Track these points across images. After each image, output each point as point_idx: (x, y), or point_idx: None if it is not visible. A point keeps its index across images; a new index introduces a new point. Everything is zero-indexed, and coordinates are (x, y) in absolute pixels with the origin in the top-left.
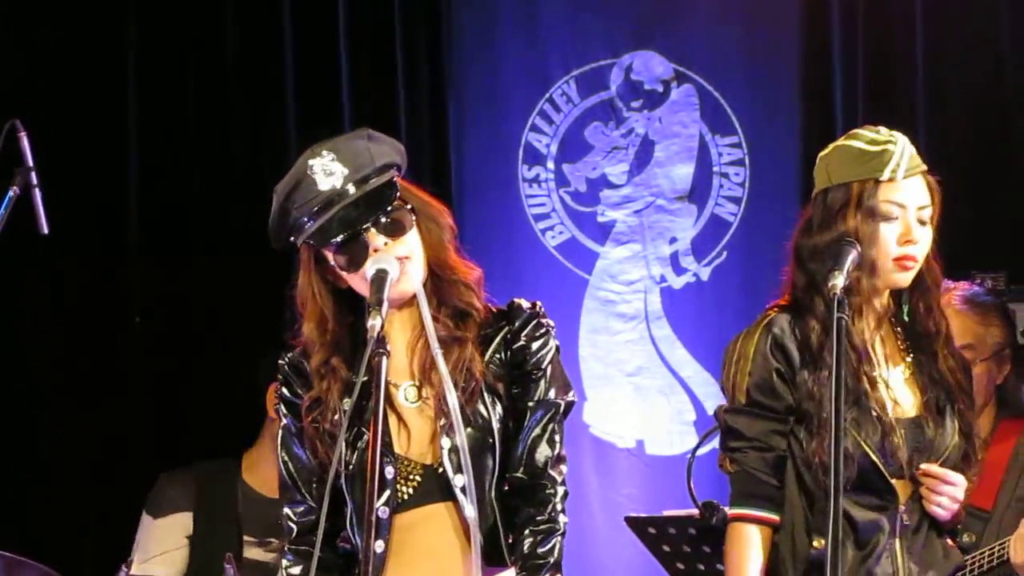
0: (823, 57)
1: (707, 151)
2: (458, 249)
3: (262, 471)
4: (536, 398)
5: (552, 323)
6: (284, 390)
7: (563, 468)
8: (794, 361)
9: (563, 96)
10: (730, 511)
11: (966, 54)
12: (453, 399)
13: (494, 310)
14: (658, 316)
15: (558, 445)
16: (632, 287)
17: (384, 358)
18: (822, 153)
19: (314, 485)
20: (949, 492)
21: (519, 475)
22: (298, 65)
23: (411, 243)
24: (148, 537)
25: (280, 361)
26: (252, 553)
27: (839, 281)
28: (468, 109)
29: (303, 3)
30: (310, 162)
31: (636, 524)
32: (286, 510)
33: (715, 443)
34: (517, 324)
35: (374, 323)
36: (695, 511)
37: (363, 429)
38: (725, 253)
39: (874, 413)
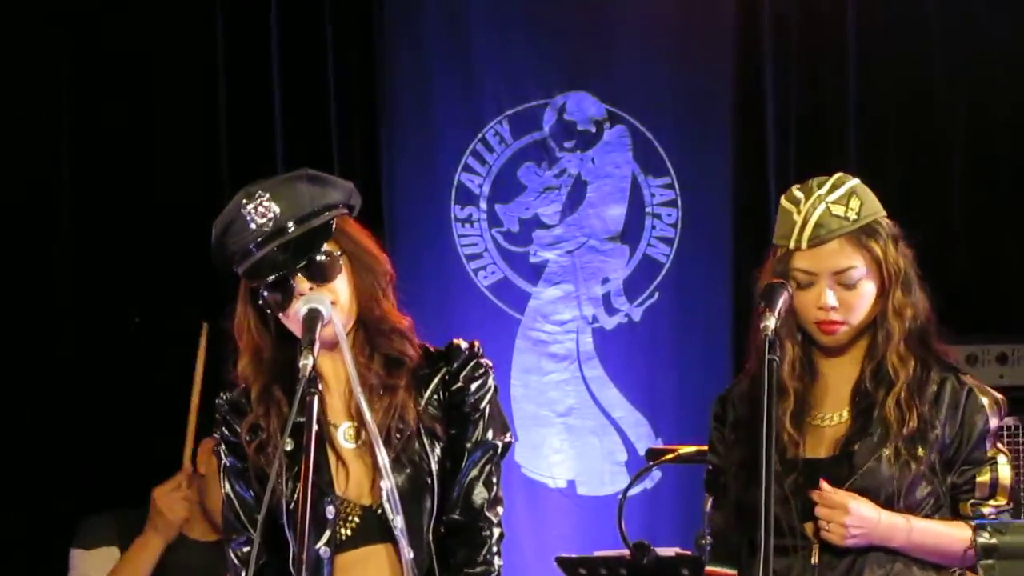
0: (756, 99)
1: (640, 192)
2: (392, 297)
3: (202, 508)
4: (474, 439)
5: (490, 363)
6: (224, 430)
7: (500, 510)
8: (726, 428)
9: (496, 136)
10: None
11: (900, 96)
12: (380, 449)
13: (432, 350)
14: (590, 356)
15: (495, 487)
16: (564, 327)
17: (316, 398)
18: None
19: (257, 524)
20: (832, 516)
21: (455, 516)
22: (230, 104)
23: (337, 289)
24: (84, 566)
25: (217, 400)
26: None
27: (770, 323)
28: (400, 149)
29: (236, 43)
30: (244, 202)
31: (567, 565)
32: (232, 549)
33: (646, 484)
34: (455, 365)
35: (305, 363)
36: (626, 552)
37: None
38: (657, 294)
39: (786, 455)
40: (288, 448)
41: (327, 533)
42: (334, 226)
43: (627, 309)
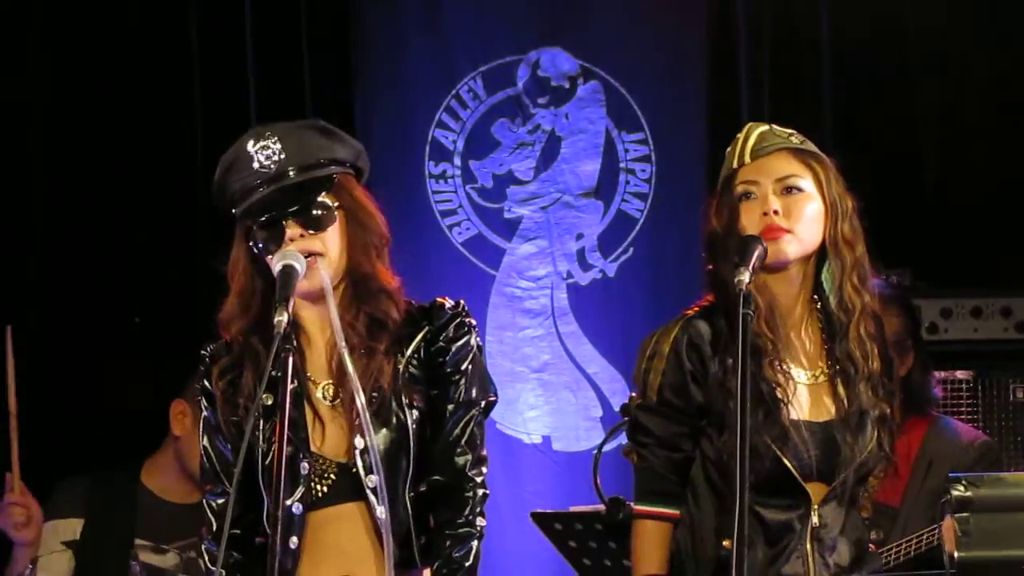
0: (729, 54)
1: (613, 147)
2: (385, 258)
3: (163, 477)
4: (456, 399)
5: (474, 322)
6: (205, 382)
7: (483, 469)
8: (707, 361)
9: (470, 93)
10: (635, 507)
11: (874, 51)
12: (360, 400)
13: (416, 308)
14: (564, 312)
15: (478, 447)
16: (539, 283)
17: (290, 355)
18: None
19: (234, 478)
20: None
21: (438, 477)
22: (203, 63)
23: (328, 241)
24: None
25: (201, 352)
26: (146, 557)
27: (745, 277)
28: (375, 105)
29: (210, 6)
30: (251, 142)
31: (542, 520)
32: (207, 500)
33: (622, 439)
34: (438, 324)
35: (280, 319)
36: (601, 507)
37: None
38: (631, 249)
39: (781, 415)
40: (268, 403)
41: (300, 490)
42: (335, 180)
43: (601, 265)
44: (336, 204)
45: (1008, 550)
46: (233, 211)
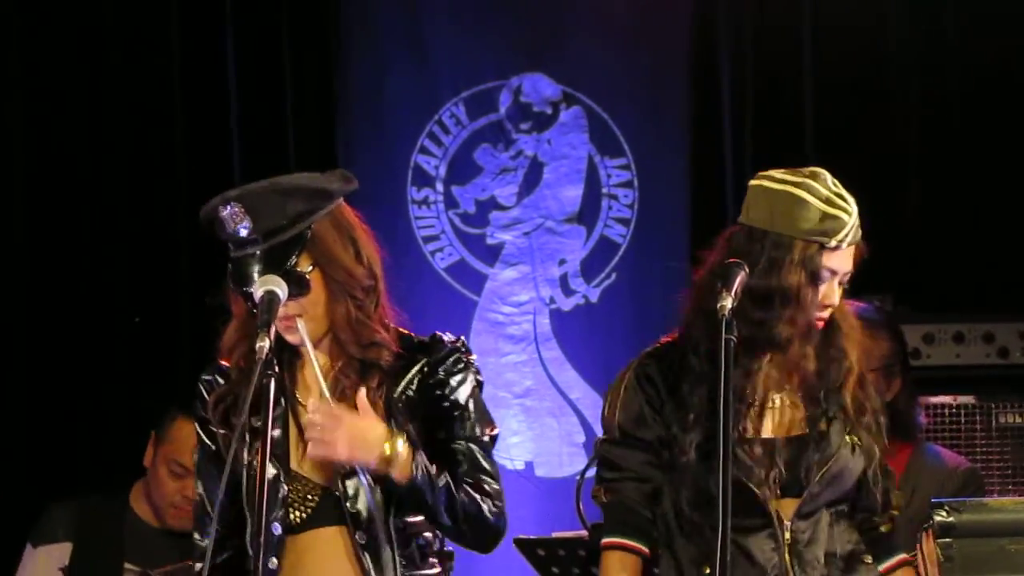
0: (711, 79)
1: (596, 173)
2: (372, 303)
3: (151, 502)
4: (460, 435)
5: (474, 358)
6: (200, 409)
7: (499, 503)
8: (662, 393)
9: (452, 118)
10: (604, 539)
11: (857, 75)
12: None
13: (414, 340)
14: (547, 338)
15: (496, 477)
16: (521, 309)
17: (271, 380)
18: (768, 185)
19: (223, 507)
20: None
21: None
22: (185, 89)
23: (307, 303)
24: (25, 567)
25: (198, 382)
26: None
27: (727, 302)
28: (357, 131)
29: (191, 27)
30: (220, 207)
31: (525, 546)
32: (196, 538)
33: None
34: (436, 357)
35: (261, 345)
36: (584, 533)
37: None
38: (614, 274)
39: (739, 435)
40: (257, 425)
41: (280, 512)
42: (308, 237)
43: (584, 290)
44: (311, 266)
45: (990, 575)
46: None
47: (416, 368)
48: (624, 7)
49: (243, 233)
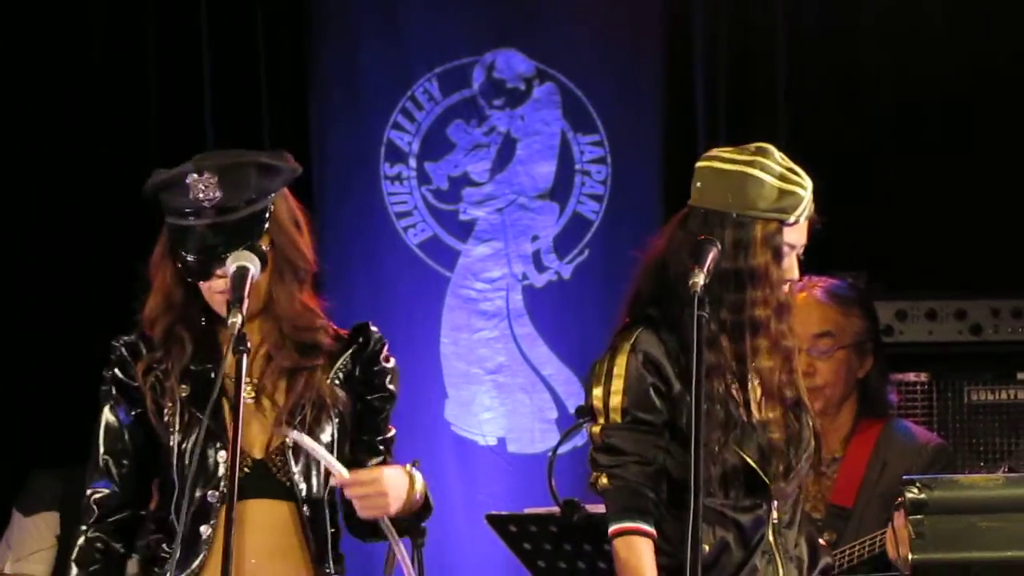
0: (684, 56)
1: (569, 149)
2: (310, 288)
3: None
4: (386, 436)
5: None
6: (117, 370)
7: None
8: (668, 376)
9: (425, 94)
10: (615, 526)
11: (828, 53)
12: (304, 441)
13: (342, 334)
14: (520, 314)
15: None
16: (494, 285)
17: (245, 355)
18: (718, 166)
19: (125, 469)
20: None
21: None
22: (160, 63)
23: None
24: (20, 536)
25: (114, 342)
26: None
27: (699, 279)
28: (330, 107)
29: (165, 4)
30: (192, 173)
31: (497, 522)
32: (91, 491)
33: (577, 441)
34: (368, 339)
35: (234, 320)
36: (556, 509)
37: (199, 415)
38: (587, 251)
39: (741, 415)
40: (184, 395)
41: (216, 479)
42: (268, 214)
43: (557, 266)
44: (269, 244)
45: (962, 552)
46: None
47: (349, 352)
48: None
49: (209, 203)
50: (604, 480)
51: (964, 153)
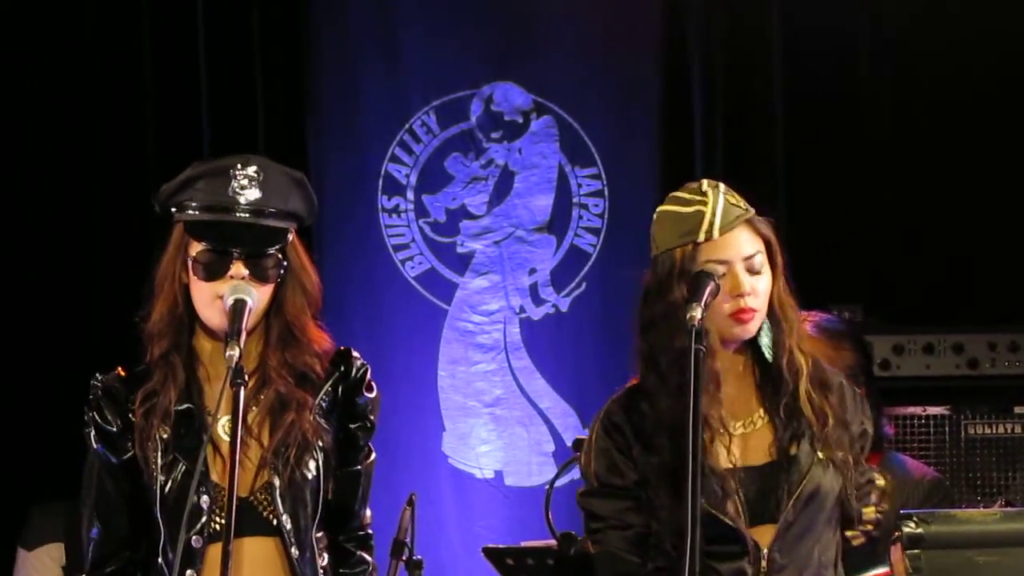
0: (681, 89)
1: (566, 182)
2: (317, 320)
3: None
4: (363, 462)
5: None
6: (95, 415)
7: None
8: (629, 438)
9: (423, 127)
10: None
11: (827, 81)
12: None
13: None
14: (517, 347)
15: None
16: (491, 318)
17: (242, 389)
18: (655, 216)
19: (114, 515)
20: None
21: (344, 542)
22: (158, 95)
23: (261, 295)
24: (26, 570)
25: (93, 382)
26: None
27: (697, 313)
28: (328, 139)
29: (163, 34)
30: (237, 165)
31: (494, 555)
32: (86, 537)
33: (574, 474)
34: (351, 367)
35: (232, 353)
36: (553, 542)
37: (178, 457)
38: (584, 284)
39: (709, 466)
40: (164, 436)
41: (201, 521)
42: (289, 237)
43: (554, 299)
44: (284, 262)
45: None
46: (172, 211)
47: (333, 379)
48: (595, 18)
49: (245, 199)
50: (590, 547)
51: (964, 186)
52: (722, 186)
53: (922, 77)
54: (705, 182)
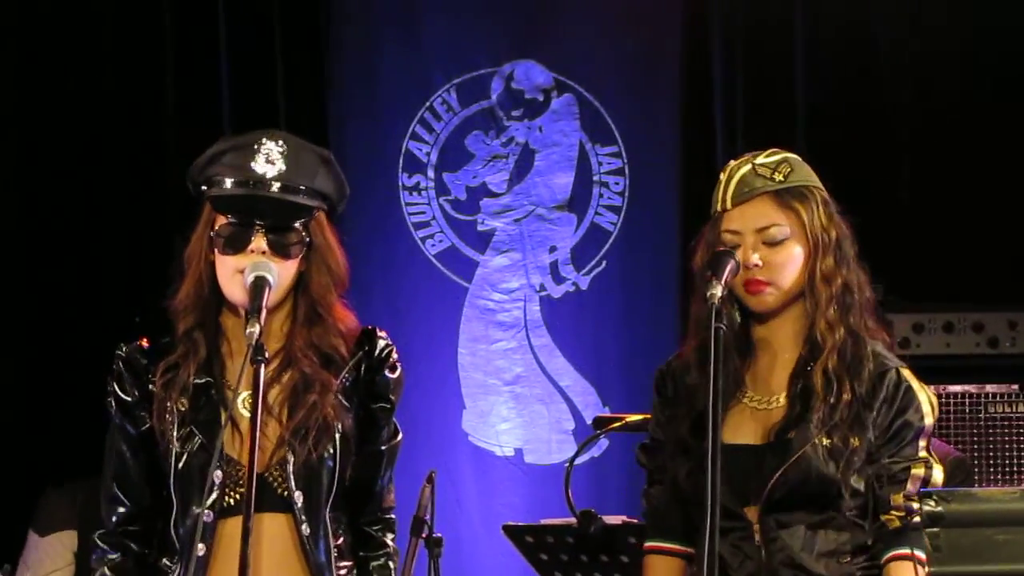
0: (703, 67)
1: (587, 160)
2: (343, 300)
3: None
4: (386, 442)
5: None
6: (115, 385)
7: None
8: (667, 398)
9: (443, 105)
10: (644, 544)
11: (848, 63)
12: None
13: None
14: (537, 325)
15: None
16: (511, 296)
17: (262, 366)
18: None
19: (135, 490)
20: None
21: (365, 525)
22: (178, 75)
23: (281, 273)
24: (37, 556)
25: (117, 351)
26: None
27: (717, 291)
28: (348, 117)
29: (184, 15)
30: (263, 139)
31: (514, 533)
32: (107, 505)
33: (593, 452)
34: (375, 346)
35: (252, 331)
36: (573, 520)
37: (194, 430)
38: (604, 262)
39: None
40: (183, 408)
41: (213, 496)
42: (315, 213)
43: (574, 277)
44: (308, 239)
45: (979, 565)
46: (203, 188)
47: (356, 358)
48: None
49: (270, 173)
50: (643, 500)
51: (984, 166)
52: (761, 157)
53: (944, 62)
54: (752, 153)
